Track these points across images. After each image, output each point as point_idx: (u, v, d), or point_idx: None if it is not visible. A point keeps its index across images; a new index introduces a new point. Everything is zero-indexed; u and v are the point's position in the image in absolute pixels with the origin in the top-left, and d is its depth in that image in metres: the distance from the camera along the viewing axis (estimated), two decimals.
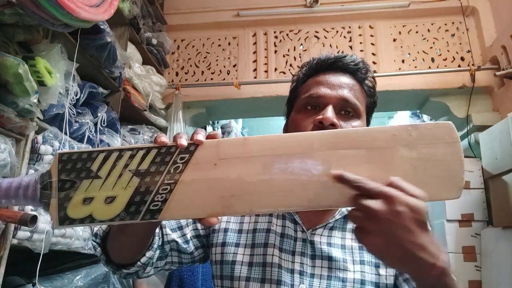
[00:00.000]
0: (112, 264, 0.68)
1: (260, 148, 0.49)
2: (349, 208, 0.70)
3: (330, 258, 0.66)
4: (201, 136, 0.50)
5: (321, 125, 0.65)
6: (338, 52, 2.73)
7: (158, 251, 0.71)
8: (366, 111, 0.72)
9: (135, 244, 0.64)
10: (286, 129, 0.75)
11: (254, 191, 0.47)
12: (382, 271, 0.66)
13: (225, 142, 0.49)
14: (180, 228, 0.75)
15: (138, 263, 0.66)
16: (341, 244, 0.68)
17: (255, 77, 2.71)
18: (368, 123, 0.74)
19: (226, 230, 0.74)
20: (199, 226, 0.76)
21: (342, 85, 0.69)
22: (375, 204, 0.43)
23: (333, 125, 0.64)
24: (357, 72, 0.71)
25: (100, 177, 0.48)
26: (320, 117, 0.65)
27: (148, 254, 0.67)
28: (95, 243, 0.68)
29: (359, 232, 0.45)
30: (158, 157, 0.48)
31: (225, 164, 0.48)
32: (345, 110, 0.68)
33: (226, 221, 0.75)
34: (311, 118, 0.67)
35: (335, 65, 0.71)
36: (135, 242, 0.64)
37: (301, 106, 0.71)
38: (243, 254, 0.70)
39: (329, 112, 0.65)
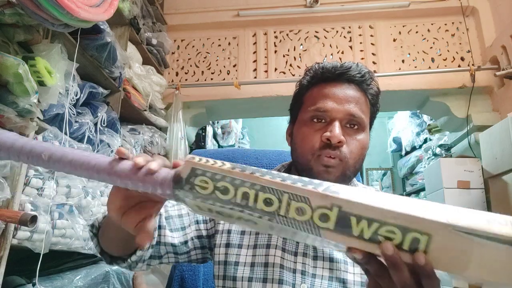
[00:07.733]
0: (105, 255, 0.68)
1: None
2: None
3: (331, 260, 0.67)
4: None
5: (328, 142, 0.67)
6: (338, 53, 2.70)
7: (150, 250, 0.70)
8: (370, 120, 0.74)
9: (120, 244, 0.64)
10: (291, 137, 0.76)
11: None
12: None
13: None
14: (183, 228, 0.74)
15: (129, 260, 0.66)
16: None
17: (255, 77, 2.71)
18: (369, 130, 0.75)
19: (229, 232, 0.74)
20: (201, 226, 0.76)
21: (348, 99, 0.70)
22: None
23: (340, 143, 0.66)
24: (363, 83, 0.72)
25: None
26: (328, 134, 0.66)
27: (138, 253, 0.66)
28: (91, 233, 0.68)
29: None
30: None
31: None
32: (351, 124, 0.70)
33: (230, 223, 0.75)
34: (318, 133, 0.68)
35: (342, 76, 0.72)
36: (120, 242, 0.64)
37: (307, 119, 0.72)
38: (246, 255, 0.70)
39: (337, 129, 0.67)
